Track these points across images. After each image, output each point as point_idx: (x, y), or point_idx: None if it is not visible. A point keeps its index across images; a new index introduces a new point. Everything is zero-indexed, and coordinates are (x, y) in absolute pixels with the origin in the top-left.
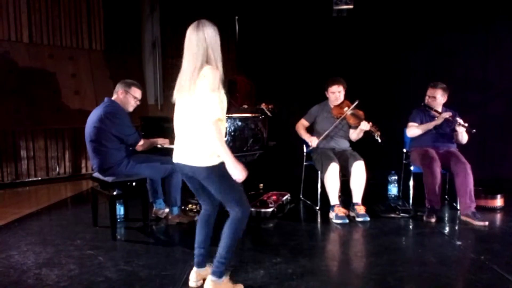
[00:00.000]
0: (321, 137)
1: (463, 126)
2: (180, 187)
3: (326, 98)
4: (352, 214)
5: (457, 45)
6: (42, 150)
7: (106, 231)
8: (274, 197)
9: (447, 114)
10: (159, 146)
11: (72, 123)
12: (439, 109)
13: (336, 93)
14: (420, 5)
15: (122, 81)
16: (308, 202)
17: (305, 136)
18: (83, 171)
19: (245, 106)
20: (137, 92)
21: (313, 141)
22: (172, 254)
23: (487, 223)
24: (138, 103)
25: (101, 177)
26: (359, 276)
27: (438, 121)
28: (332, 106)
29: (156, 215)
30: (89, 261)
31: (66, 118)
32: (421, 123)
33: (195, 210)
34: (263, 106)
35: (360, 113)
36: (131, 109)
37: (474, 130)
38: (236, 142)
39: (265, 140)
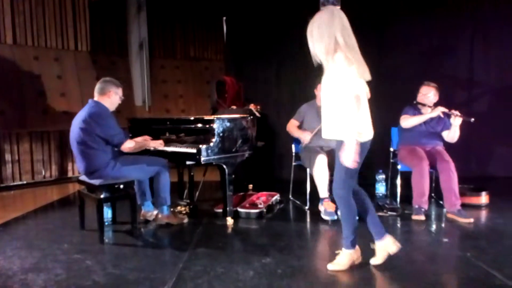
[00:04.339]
0: (314, 132)
1: (459, 116)
2: (169, 186)
3: (315, 97)
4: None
5: (444, 44)
6: (27, 153)
7: (94, 234)
8: (263, 198)
9: (442, 108)
10: (151, 149)
11: (58, 126)
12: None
13: None
14: (406, 4)
15: (107, 80)
16: (298, 202)
17: (297, 133)
18: (70, 174)
19: (234, 107)
20: (121, 92)
21: (306, 136)
22: (161, 257)
23: (472, 220)
24: (120, 102)
25: (87, 180)
26: (348, 275)
27: (434, 113)
28: (319, 104)
29: (144, 217)
30: (77, 265)
31: (52, 121)
32: None
33: (185, 212)
34: (251, 106)
35: None
36: (114, 108)
37: (473, 119)
38: (225, 143)
39: (254, 141)
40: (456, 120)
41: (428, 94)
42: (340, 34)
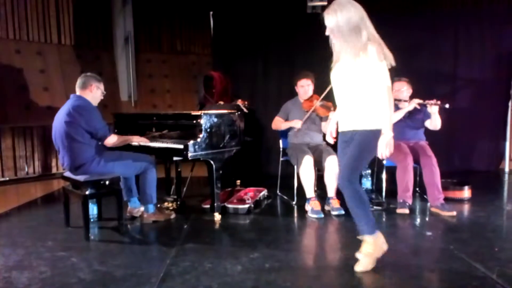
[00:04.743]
0: (304, 118)
1: (435, 104)
2: (156, 184)
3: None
4: (327, 208)
5: (427, 40)
6: (9, 149)
7: (79, 231)
8: (251, 193)
9: (417, 100)
10: (135, 144)
11: (41, 121)
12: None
13: (305, 87)
14: (391, 2)
15: (88, 75)
16: (285, 198)
17: (287, 123)
18: (54, 170)
19: (221, 102)
20: (103, 87)
21: (297, 123)
22: (148, 253)
23: (455, 213)
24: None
25: (72, 176)
26: (335, 269)
27: (410, 107)
28: (302, 101)
29: (131, 214)
30: (62, 262)
31: (35, 116)
32: None
33: (172, 208)
34: (239, 102)
35: (329, 104)
36: (96, 103)
37: (448, 105)
38: (213, 139)
39: (241, 136)
40: (433, 108)
41: (401, 89)
42: (369, 26)
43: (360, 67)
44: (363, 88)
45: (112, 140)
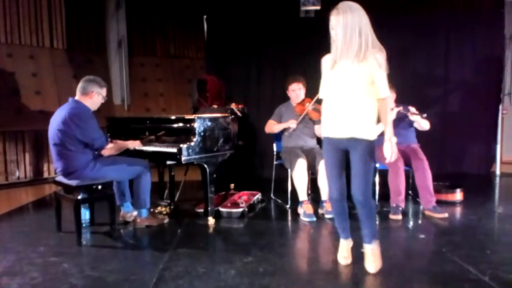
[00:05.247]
0: (299, 120)
1: (415, 114)
2: (149, 189)
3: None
4: (321, 211)
5: (418, 43)
6: (0, 153)
7: (71, 236)
8: (245, 197)
9: (398, 108)
10: (130, 148)
11: (33, 125)
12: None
13: (297, 91)
14: (383, 5)
15: (91, 80)
16: (279, 201)
17: (281, 125)
18: (45, 175)
19: (215, 106)
20: (105, 92)
21: (291, 123)
22: (141, 258)
23: (446, 214)
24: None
25: (64, 180)
26: (329, 273)
27: (393, 115)
28: (294, 105)
29: (123, 218)
30: (53, 268)
31: (27, 120)
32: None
33: (165, 212)
34: (233, 105)
35: (321, 107)
36: (96, 108)
37: (425, 115)
38: (207, 142)
39: (235, 140)
40: (414, 117)
41: None
42: (373, 33)
43: (363, 73)
44: (364, 95)
45: (108, 148)
